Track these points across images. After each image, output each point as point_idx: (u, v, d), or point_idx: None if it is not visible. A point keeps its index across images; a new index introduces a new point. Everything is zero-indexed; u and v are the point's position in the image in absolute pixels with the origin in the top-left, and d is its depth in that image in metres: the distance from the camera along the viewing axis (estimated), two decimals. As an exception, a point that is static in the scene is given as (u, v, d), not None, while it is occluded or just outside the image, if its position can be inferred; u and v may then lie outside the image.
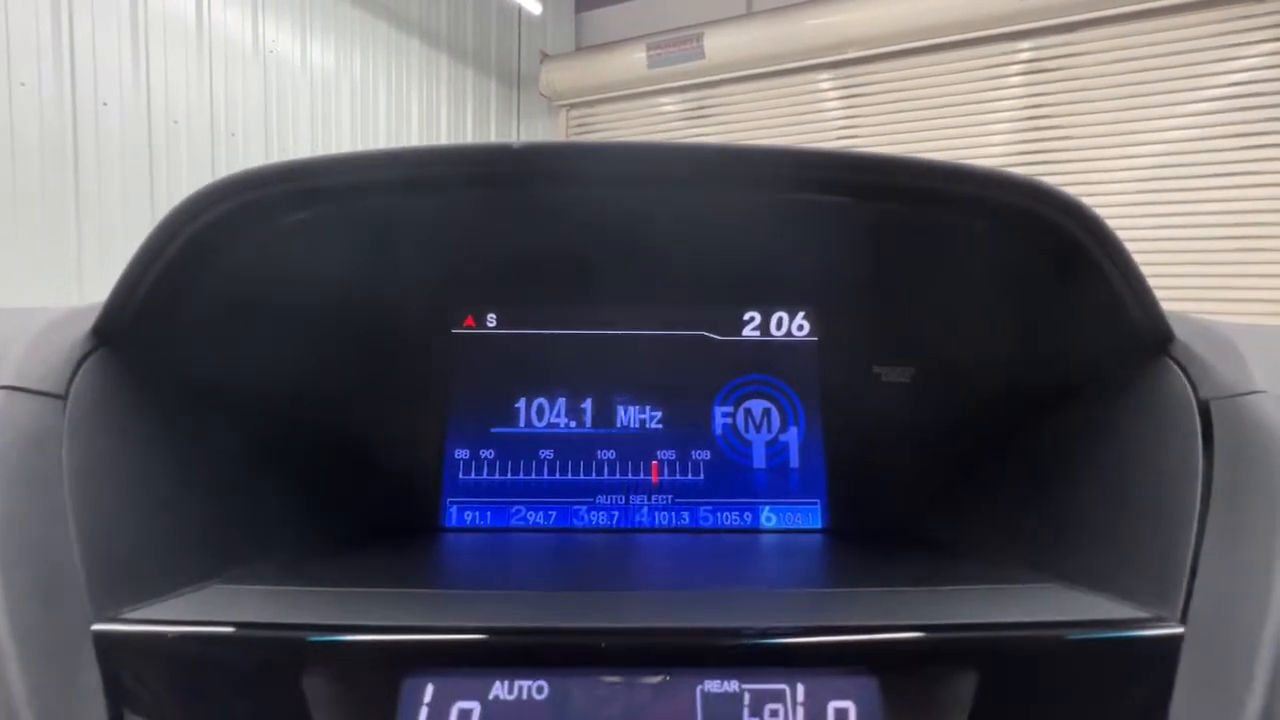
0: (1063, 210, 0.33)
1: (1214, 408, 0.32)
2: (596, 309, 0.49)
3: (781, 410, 0.48)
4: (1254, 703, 0.23)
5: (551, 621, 0.25)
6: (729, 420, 0.48)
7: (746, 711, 0.24)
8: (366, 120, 2.99)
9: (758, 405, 0.48)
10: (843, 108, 3.20)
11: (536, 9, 3.47)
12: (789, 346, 0.49)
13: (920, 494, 0.45)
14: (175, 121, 2.33)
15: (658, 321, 0.49)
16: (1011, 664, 0.25)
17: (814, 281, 0.48)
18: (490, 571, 0.38)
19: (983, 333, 0.44)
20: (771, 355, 0.49)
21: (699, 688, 0.25)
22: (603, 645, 0.24)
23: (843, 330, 0.49)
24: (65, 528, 0.26)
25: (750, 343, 0.49)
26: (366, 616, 0.25)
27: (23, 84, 1.94)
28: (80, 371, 0.31)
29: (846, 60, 3.16)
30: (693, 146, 0.32)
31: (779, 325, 0.49)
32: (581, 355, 0.48)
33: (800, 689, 0.25)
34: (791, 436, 0.48)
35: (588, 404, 0.48)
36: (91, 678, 0.23)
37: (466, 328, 0.49)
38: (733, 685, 0.25)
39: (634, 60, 3.55)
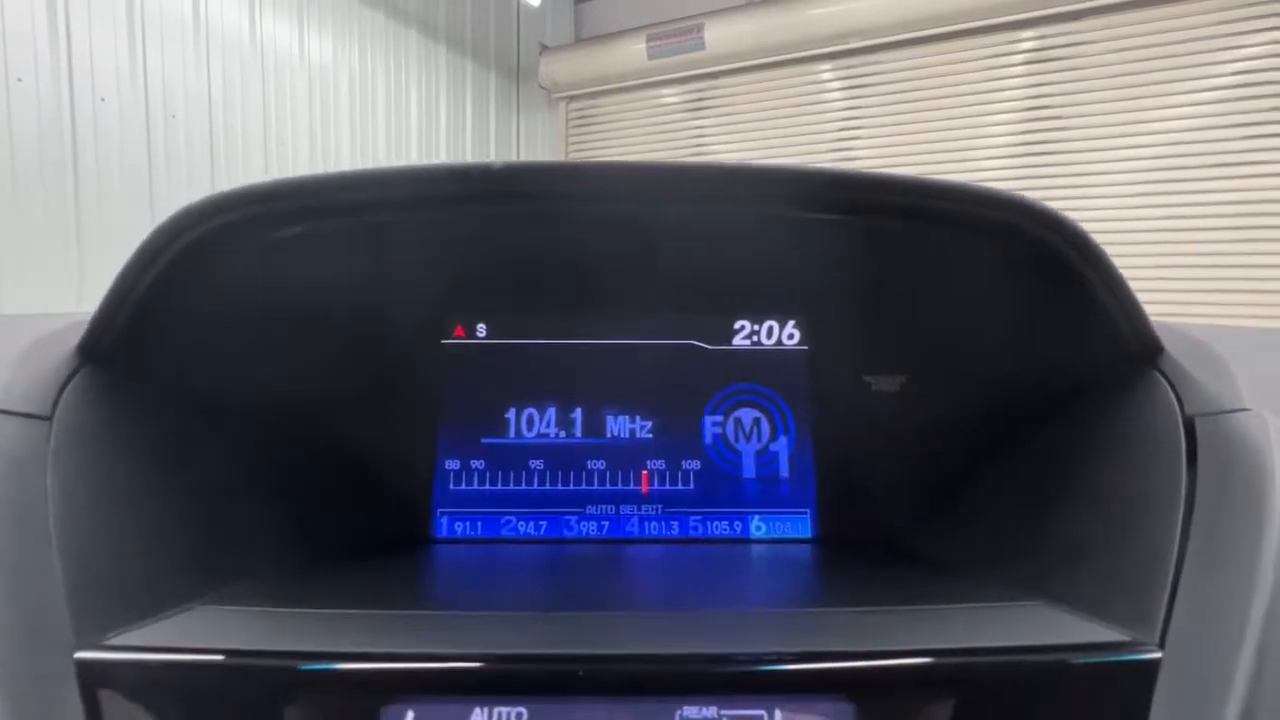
0: (1046, 225, 0.33)
1: (1199, 425, 0.32)
2: (586, 319, 0.49)
3: (771, 419, 0.48)
4: None
5: (532, 648, 0.25)
6: (719, 430, 0.48)
7: (725, 737, 0.25)
8: (365, 114, 2.97)
9: (748, 414, 0.48)
10: (845, 98, 3.17)
11: (535, 0, 3.44)
12: (779, 356, 0.49)
13: (910, 505, 0.45)
14: (173, 116, 2.33)
15: (648, 331, 0.49)
16: (987, 689, 0.25)
17: (804, 291, 0.48)
18: (480, 589, 0.38)
19: (973, 343, 0.43)
20: (761, 364, 0.49)
21: (678, 713, 0.25)
22: (580, 673, 0.24)
23: (833, 339, 0.48)
24: (49, 553, 0.26)
25: (740, 352, 0.49)
26: (348, 643, 0.25)
27: (19, 79, 1.93)
28: (66, 391, 0.32)
29: (848, 50, 3.14)
30: (673, 166, 0.32)
31: (769, 334, 0.49)
32: (571, 365, 0.48)
33: (778, 714, 0.25)
34: (781, 446, 0.48)
35: (578, 414, 0.48)
36: (73, 708, 0.24)
37: (456, 338, 0.49)
38: (711, 711, 0.25)
39: (634, 51, 3.52)
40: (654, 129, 3.69)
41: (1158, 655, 0.26)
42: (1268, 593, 0.25)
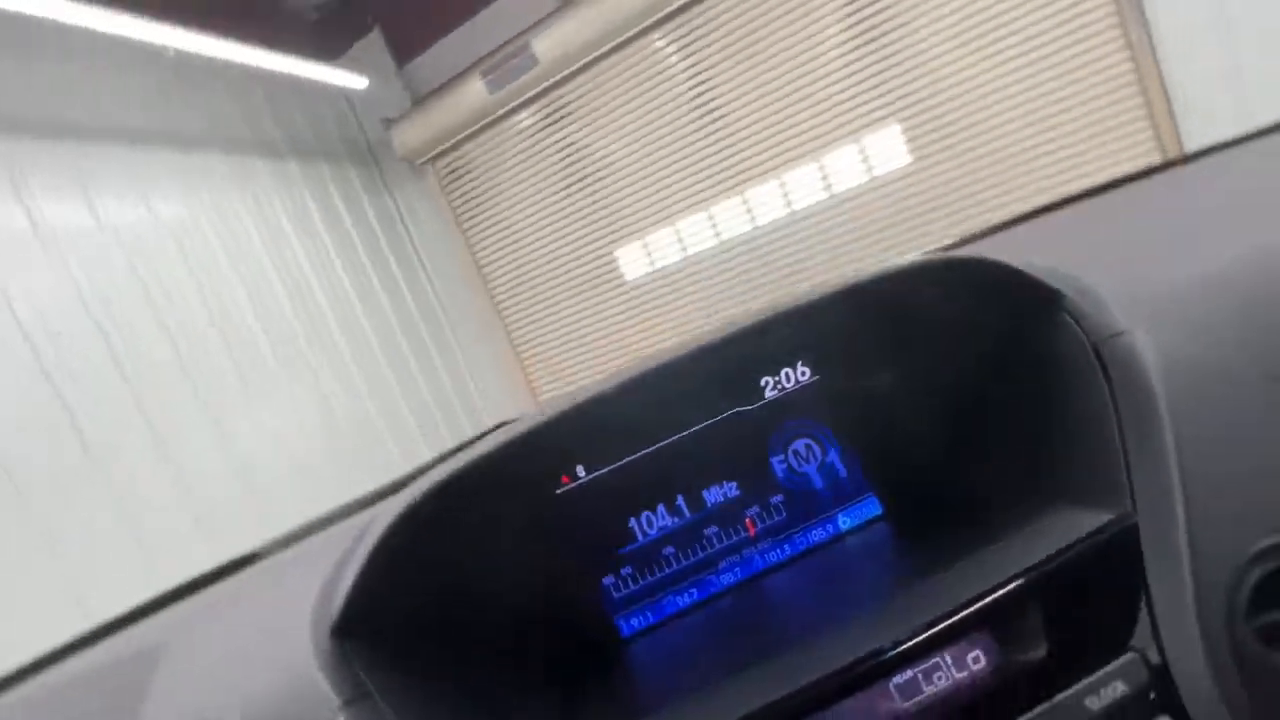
0: (969, 267, 0.48)
1: (1103, 349, 0.47)
2: (653, 428, 0.61)
3: (818, 440, 0.62)
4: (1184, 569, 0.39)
5: (804, 678, 0.39)
6: (784, 465, 0.62)
7: (924, 686, 0.39)
8: (249, 262, 2.91)
9: (800, 444, 0.62)
10: (687, 63, 3.30)
11: (361, 84, 3.40)
12: (801, 391, 0.63)
13: (930, 471, 0.60)
14: (59, 333, 2.25)
15: (701, 417, 0.61)
16: (1060, 585, 0.41)
17: (805, 343, 0.62)
18: (703, 655, 0.51)
19: (938, 345, 0.58)
20: (792, 403, 0.62)
21: (890, 684, 0.39)
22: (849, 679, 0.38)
23: (833, 366, 0.63)
24: None
25: (774, 401, 0.62)
26: None
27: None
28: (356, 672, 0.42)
29: (672, 12, 3.24)
30: (689, 354, 0.46)
31: (789, 379, 0.62)
32: (660, 467, 0.61)
33: (947, 657, 0.39)
34: (833, 456, 0.62)
35: (680, 500, 0.61)
36: None
37: (564, 485, 0.60)
38: (908, 674, 0.39)
39: (473, 90, 3.54)
40: (522, 155, 3.74)
41: (1136, 520, 0.41)
42: (1173, 454, 0.41)
